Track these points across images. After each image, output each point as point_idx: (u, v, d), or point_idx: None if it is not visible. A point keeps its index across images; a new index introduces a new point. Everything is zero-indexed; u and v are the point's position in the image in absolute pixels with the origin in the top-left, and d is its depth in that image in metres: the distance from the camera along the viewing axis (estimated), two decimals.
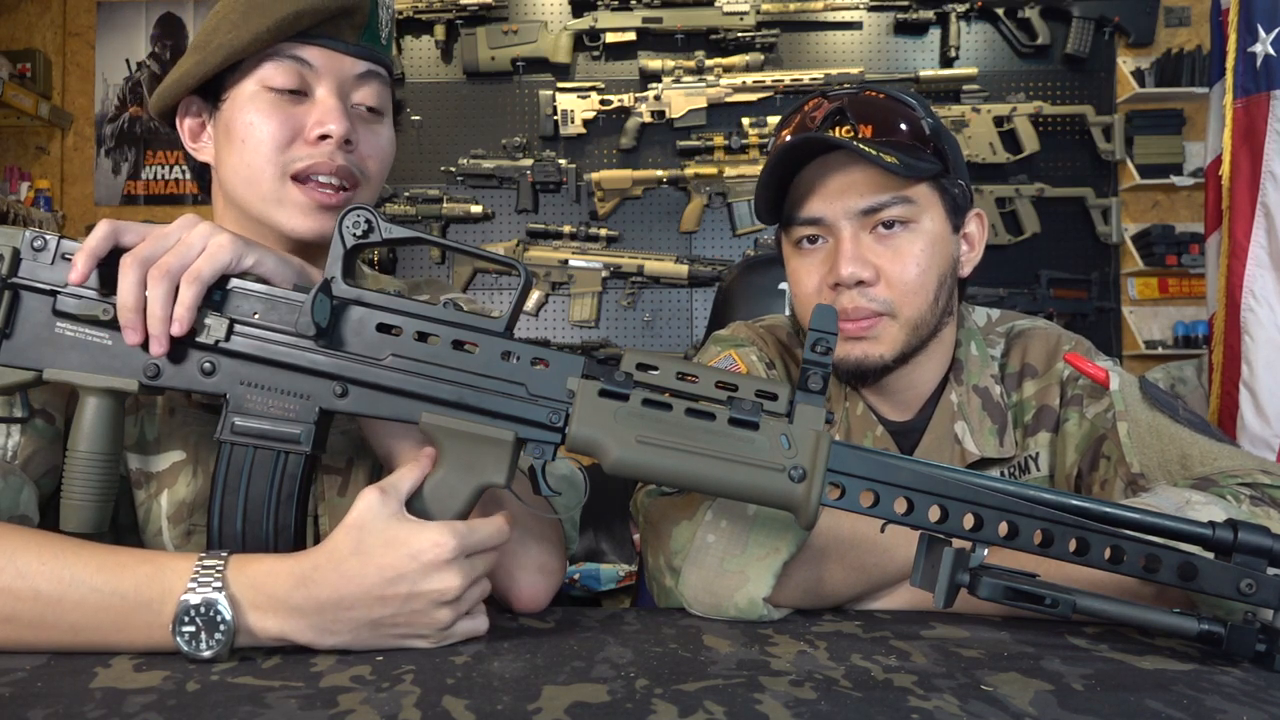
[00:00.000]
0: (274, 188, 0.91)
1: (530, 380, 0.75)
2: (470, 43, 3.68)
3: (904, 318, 1.04)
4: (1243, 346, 1.92)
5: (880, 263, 1.03)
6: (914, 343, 1.06)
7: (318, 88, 0.92)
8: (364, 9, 0.92)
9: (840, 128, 1.03)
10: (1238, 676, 0.69)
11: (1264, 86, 1.90)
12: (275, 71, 0.90)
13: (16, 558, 0.69)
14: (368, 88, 0.95)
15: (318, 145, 0.91)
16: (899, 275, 1.03)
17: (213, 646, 0.68)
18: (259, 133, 0.90)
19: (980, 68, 3.63)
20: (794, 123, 1.08)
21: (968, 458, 1.08)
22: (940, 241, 1.06)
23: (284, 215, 0.91)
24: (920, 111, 1.05)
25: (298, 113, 0.91)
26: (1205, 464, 0.93)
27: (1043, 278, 3.57)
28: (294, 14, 0.88)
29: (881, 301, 1.03)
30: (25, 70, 3.79)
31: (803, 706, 0.60)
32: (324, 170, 0.91)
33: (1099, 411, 1.05)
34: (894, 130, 1.03)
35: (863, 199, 1.03)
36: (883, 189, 1.02)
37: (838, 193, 1.03)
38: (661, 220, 3.71)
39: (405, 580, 0.70)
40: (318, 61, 0.91)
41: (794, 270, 1.10)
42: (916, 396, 1.12)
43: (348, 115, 0.92)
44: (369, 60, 0.94)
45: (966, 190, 1.09)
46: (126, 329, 0.74)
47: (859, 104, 1.04)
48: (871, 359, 1.05)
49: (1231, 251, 1.95)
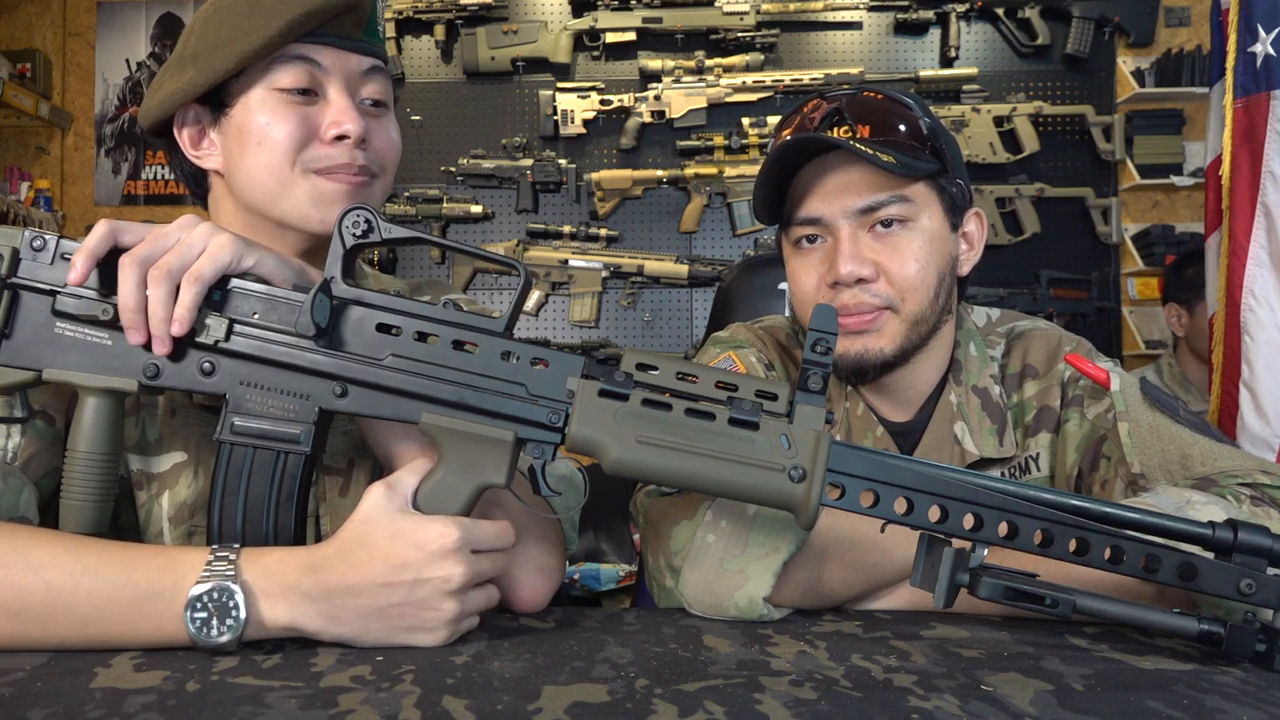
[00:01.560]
0: (295, 185, 0.91)
1: (530, 380, 0.75)
2: (470, 43, 3.68)
3: (905, 312, 1.05)
4: (1243, 346, 1.92)
5: (879, 260, 1.04)
6: (914, 339, 1.06)
7: (329, 87, 0.92)
8: (366, 5, 0.92)
9: (838, 128, 1.04)
10: (1238, 676, 0.69)
11: (1264, 86, 1.90)
12: (285, 73, 0.91)
13: (28, 552, 0.70)
14: (373, 83, 0.96)
15: (334, 145, 0.91)
16: (899, 272, 1.04)
17: (224, 633, 0.68)
18: (275, 134, 0.90)
19: (980, 68, 3.63)
20: (793, 123, 1.08)
21: (967, 458, 1.08)
22: (938, 239, 1.06)
23: (313, 207, 0.92)
24: (918, 111, 1.06)
25: (311, 113, 0.92)
26: (1206, 464, 0.93)
27: (1043, 278, 3.57)
28: (304, 14, 0.88)
29: (884, 297, 1.04)
30: (25, 70, 3.79)
31: (803, 706, 0.60)
32: (346, 171, 0.92)
33: (1099, 412, 1.05)
34: (891, 130, 1.03)
35: (860, 198, 1.03)
36: (880, 188, 1.03)
37: (835, 192, 1.04)
38: (661, 220, 3.71)
39: (411, 568, 0.71)
40: (327, 61, 0.92)
41: (793, 270, 1.10)
42: (916, 396, 1.13)
43: (360, 113, 0.93)
44: (372, 55, 0.95)
45: (965, 189, 1.09)
46: (130, 329, 0.74)
47: (857, 104, 1.04)
48: (872, 353, 1.05)
49: (1231, 251, 1.94)
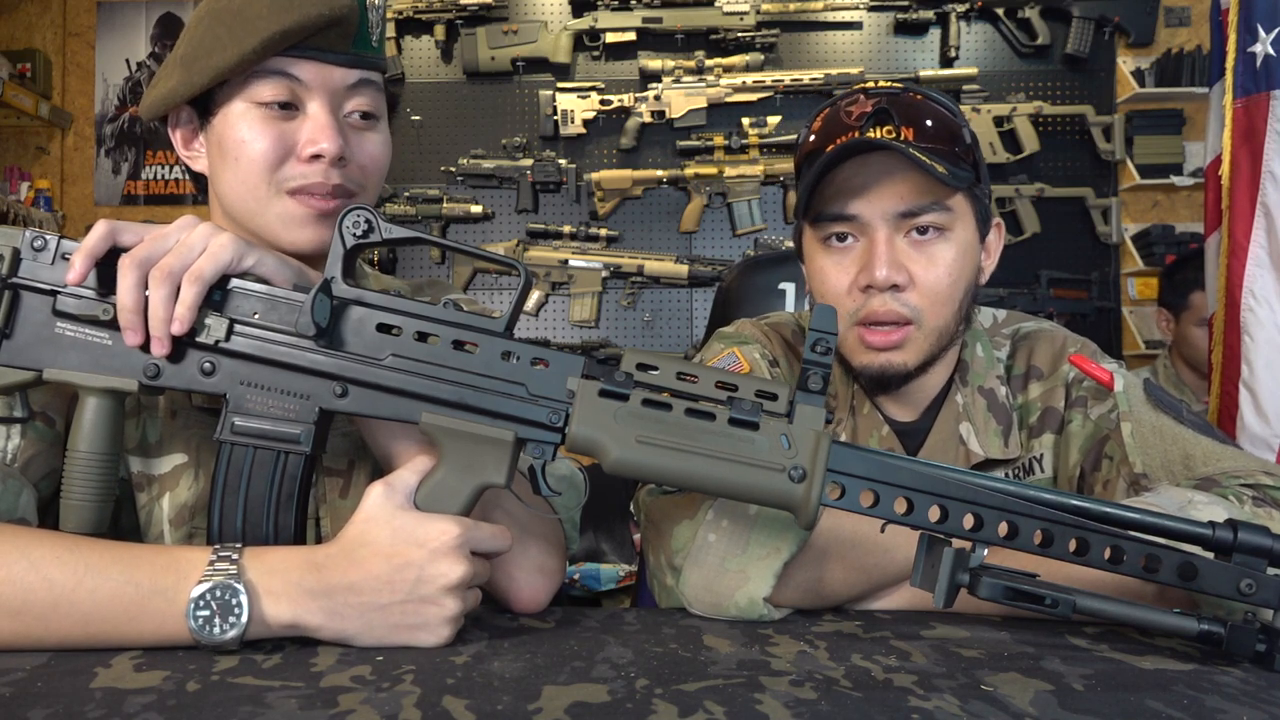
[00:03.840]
0: (269, 204, 0.90)
1: (530, 380, 0.75)
2: (470, 43, 3.68)
3: (929, 326, 1.04)
4: (1243, 346, 1.92)
5: (914, 268, 1.02)
6: (935, 351, 1.06)
7: (309, 102, 0.90)
8: (352, 19, 0.89)
9: (882, 127, 1.01)
10: (1238, 676, 0.69)
11: (1264, 86, 1.90)
12: (265, 86, 0.88)
13: (30, 551, 0.70)
14: (361, 95, 0.93)
15: (310, 164, 0.89)
16: (931, 283, 1.03)
17: (226, 631, 0.68)
18: (251, 151, 0.89)
19: (980, 68, 3.63)
20: (826, 114, 1.07)
21: (972, 458, 1.08)
22: (969, 251, 1.06)
23: (282, 229, 0.90)
24: (960, 119, 1.05)
25: (289, 129, 0.89)
26: (1208, 464, 0.93)
27: (1043, 278, 3.57)
28: (280, 33, 0.85)
29: (911, 307, 1.03)
30: (25, 70, 3.79)
31: (803, 706, 0.60)
32: (319, 190, 0.90)
33: (1103, 413, 1.05)
34: (937, 137, 1.01)
35: (903, 202, 1.01)
36: (924, 194, 1.01)
37: (877, 194, 1.02)
38: (661, 220, 3.71)
39: (413, 566, 0.71)
40: (307, 76, 0.89)
41: (820, 268, 1.08)
42: (924, 397, 1.13)
43: (340, 131, 0.90)
44: (361, 68, 0.92)
45: (990, 200, 1.09)
46: (127, 330, 0.74)
47: (903, 106, 1.02)
48: (895, 366, 1.05)
49: (1231, 251, 1.94)
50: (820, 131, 1.06)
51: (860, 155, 1.02)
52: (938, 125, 1.02)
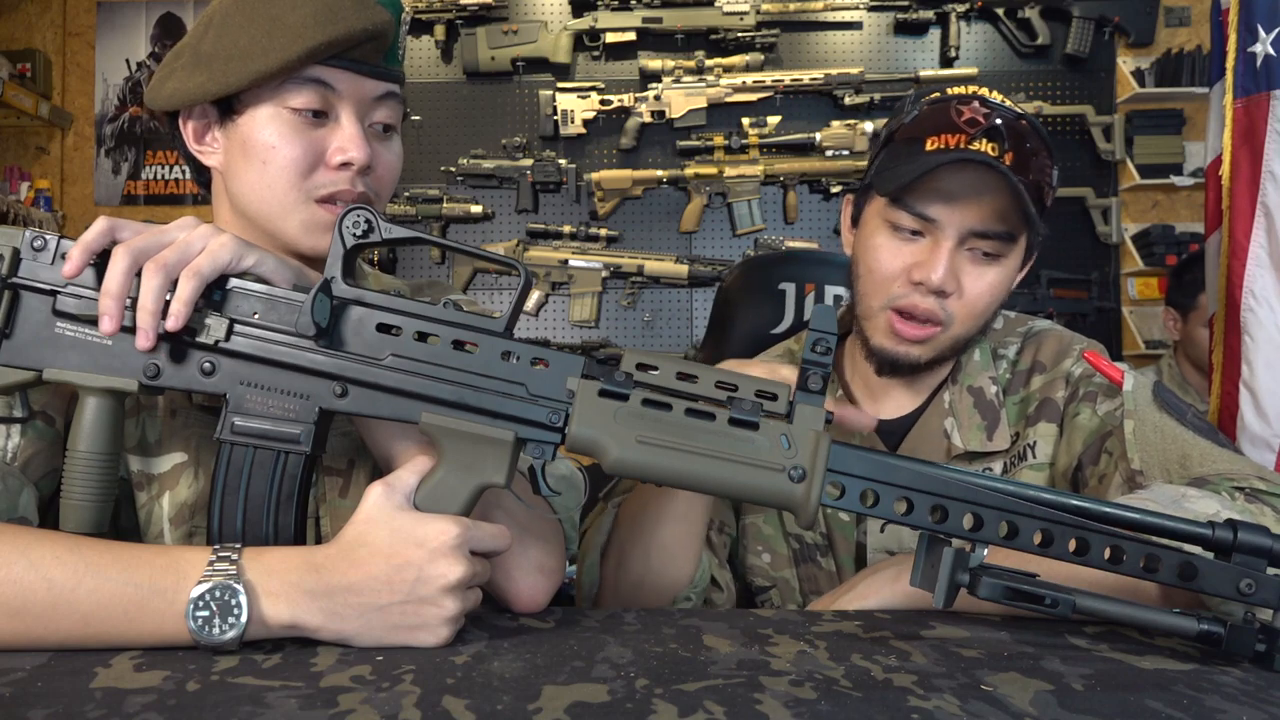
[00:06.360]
0: (295, 209, 0.91)
1: (530, 380, 0.75)
2: (470, 43, 3.68)
3: (954, 332, 1.09)
4: (1242, 346, 1.91)
5: (964, 280, 1.07)
6: (949, 352, 1.12)
7: (340, 111, 0.91)
8: (389, 33, 0.91)
9: (990, 143, 1.02)
10: (1238, 676, 0.69)
11: (1264, 86, 1.90)
12: (299, 94, 0.89)
13: (30, 551, 0.69)
14: (385, 107, 0.95)
15: (339, 171, 0.91)
16: (974, 298, 1.07)
17: (226, 631, 0.68)
18: (281, 157, 0.89)
19: (980, 68, 3.63)
20: (935, 103, 1.08)
21: (953, 451, 1.12)
22: (1012, 277, 1.11)
23: (304, 235, 0.91)
24: (1053, 162, 1.07)
25: (319, 136, 0.91)
26: (1204, 465, 0.94)
27: (1043, 278, 3.57)
28: (326, 43, 0.86)
29: (948, 313, 1.07)
30: (25, 70, 3.79)
31: (803, 706, 0.60)
32: (346, 198, 0.91)
33: (1110, 409, 1.07)
34: (1035, 170, 1.04)
35: (982, 222, 1.04)
36: (1001, 221, 1.04)
37: (963, 206, 1.04)
38: (661, 220, 3.71)
39: (412, 566, 0.71)
40: (342, 85, 0.90)
41: (878, 245, 1.09)
42: (915, 396, 1.17)
43: (368, 140, 0.92)
44: (388, 80, 0.94)
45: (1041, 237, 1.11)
46: (103, 315, 0.72)
47: (1015, 133, 1.03)
48: (911, 357, 1.09)
49: (1231, 251, 1.94)
50: (926, 120, 1.07)
51: (962, 162, 1.03)
52: (1039, 163, 1.05)
